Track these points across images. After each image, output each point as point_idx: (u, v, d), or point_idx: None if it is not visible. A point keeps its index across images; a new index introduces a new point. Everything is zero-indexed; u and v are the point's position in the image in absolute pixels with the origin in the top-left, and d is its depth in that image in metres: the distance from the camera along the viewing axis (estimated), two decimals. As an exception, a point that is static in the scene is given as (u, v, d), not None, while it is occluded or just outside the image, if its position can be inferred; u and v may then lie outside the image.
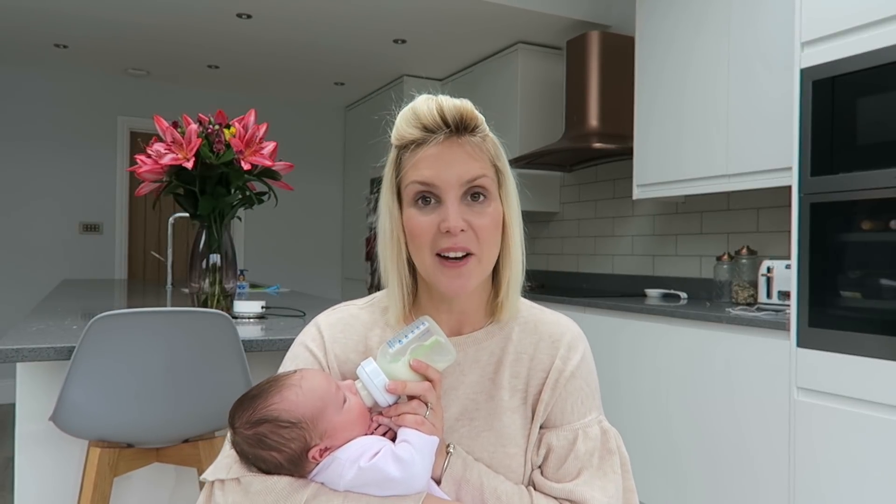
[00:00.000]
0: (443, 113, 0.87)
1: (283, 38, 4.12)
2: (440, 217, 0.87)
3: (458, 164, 0.87)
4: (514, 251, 0.93)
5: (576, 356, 0.97)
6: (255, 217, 5.44)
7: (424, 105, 0.88)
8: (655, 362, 2.71)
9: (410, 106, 0.90)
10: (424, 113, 0.87)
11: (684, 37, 2.98)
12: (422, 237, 0.87)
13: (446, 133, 0.87)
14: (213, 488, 0.87)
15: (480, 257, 0.88)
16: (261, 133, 1.92)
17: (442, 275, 0.88)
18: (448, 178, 0.86)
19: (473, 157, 0.88)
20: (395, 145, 0.91)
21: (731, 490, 2.38)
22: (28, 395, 1.66)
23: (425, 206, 0.88)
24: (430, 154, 0.87)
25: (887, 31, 1.94)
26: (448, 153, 0.87)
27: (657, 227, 3.56)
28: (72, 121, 5.02)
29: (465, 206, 0.87)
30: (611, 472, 0.93)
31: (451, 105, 0.88)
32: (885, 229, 1.93)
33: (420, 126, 0.88)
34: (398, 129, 0.90)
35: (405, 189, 0.89)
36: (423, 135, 0.88)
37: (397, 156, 0.91)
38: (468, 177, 0.87)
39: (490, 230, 0.88)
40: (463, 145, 0.88)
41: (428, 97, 0.90)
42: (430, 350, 0.86)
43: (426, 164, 0.87)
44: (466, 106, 0.89)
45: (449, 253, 0.87)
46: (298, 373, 0.89)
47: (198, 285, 1.98)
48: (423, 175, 0.87)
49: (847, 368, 2.00)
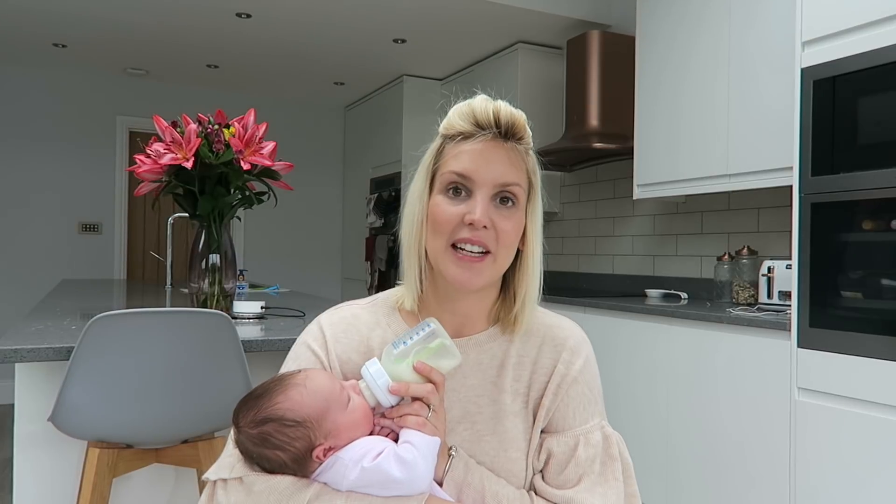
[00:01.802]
0: (498, 114, 0.89)
1: (282, 37, 4.11)
2: (467, 209, 0.88)
3: (497, 165, 0.89)
4: (532, 266, 0.94)
5: (579, 361, 0.96)
6: (255, 217, 5.43)
7: (482, 103, 0.91)
8: (656, 363, 2.71)
9: (467, 102, 0.92)
10: (480, 110, 0.90)
11: (684, 36, 2.98)
12: (444, 225, 0.89)
13: (494, 133, 0.89)
14: (216, 488, 0.87)
15: (496, 257, 0.89)
16: (260, 133, 1.91)
17: (453, 265, 0.89)
18: (485, 174, 0.88)
19: (513, 163, 0.90)
20: (443, 135, 0.93)
21: (732, 490, 2.38)
22: (27, 395, 1.65)
23: (455, 197, 0.89)
24: (473, 148, 0.89)
25: (888, 31, 1.93)
26: (491, 152, 0.89)
27: (657, 227, 3.56)
28: (71, 120, 5.02)
29: (493, 206, 0.89)
30: (612, 479, 0.92)
31: (507, 110, 0.91)
32: (885, 229, 1.93)
33: (473, 121, 0.90)
34: (450, 119, 0.92)
35: (440, 176, 0.91)
36: (472, 129, 0.90)
37: (441, 144, 0.93)
38: (503, 180, 0.89)
39: (511, 235, 0.90)
40: (507, 150, 0.90)
41: (485, 97, 0.92)
42: (434, 352, 0.86)
43: (468, 156, 0.89)
44: (520, 115, 0.92)
45: (466, 245, 0.88)
46: (303, 372, 0.89)
47: (197, 285, 1.97)
48: (462, 166, 0.89)
49: (848, 369, 1.99)
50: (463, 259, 0.88)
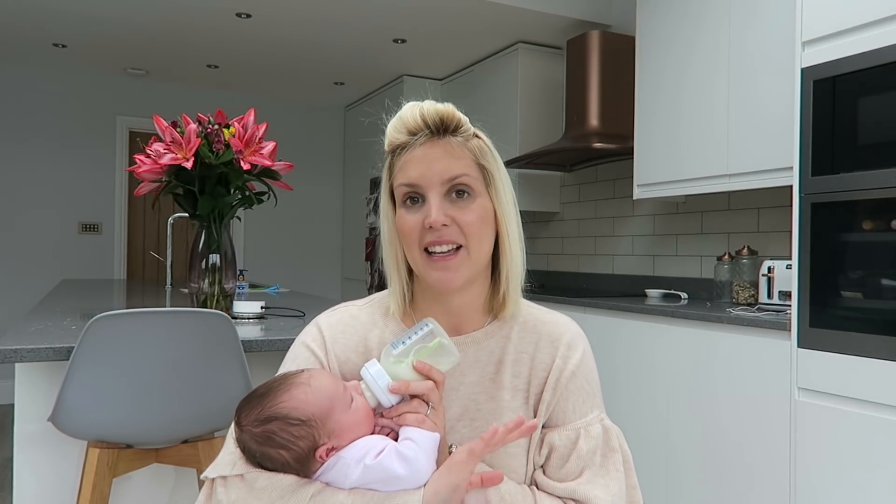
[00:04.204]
0: (424, 116, 0.91)
1: (282, 37, 4.11)
2: (424, 214, 0.90)
3: (438, 163, 0.90)
4: (512, 247, 0.95)
5: (576, 355, 0.97)
6: (255, 217, 5.43)
7: (408, 111, 0.93)
8: (656, 363, 2.71)
9: (398, 114, 0.95)
10: (408, 118, 0.93)
11: (684, 36, 2.98)
12: (410, 235, 0.91)
13: (427, 135, 0.92)
14: (215, 485, 0.87)
15: (469, 249, 0.91)
16: (260, 133, 1.91)
17: (431, 269, 0.91)
18: (430, 176, 0.90)
19: (454, 156, 0.91)
20: (387, 150, 0.96)
21: (732, 490, 2.38)
22: (27, 395, 1.65)
23: (413, 206, 0.92)
24: (414, 156, 0.91)
25: (888, 31, 1.93)
26: (430, 153, 0.91)
27: (657, 227, 3.56)
28: (71, 120, 5.02)
29: (450, 202, 0.91)
30: (613, 471, 0.93)
31: (432, 108, 0.92)
32: (886, 229, 1.93)
33: (405, 130, 0.92)
34: (388, 135, 0.95)
35: (396, 190, 0.93)
36: (407, 138, 0.92)
37: (390, 161, 0.95)
38: (448, 175, 0.90)
39: (475, 225, 0.91)
40: (444, 146, 0.91)
41: (412, 104, 0.94)
42: (433, 352, 0.87)
43: (411, 165, 0.91)
44: (446, 108, 0.93)
45: (434, 248, 0.90)
46: (307, 372, 0.89)
47: (197, 285, 1.97)
48: (408, 176, 0.91)
49: (848, 369, 1.99)
50: (437, 261, 0.90)
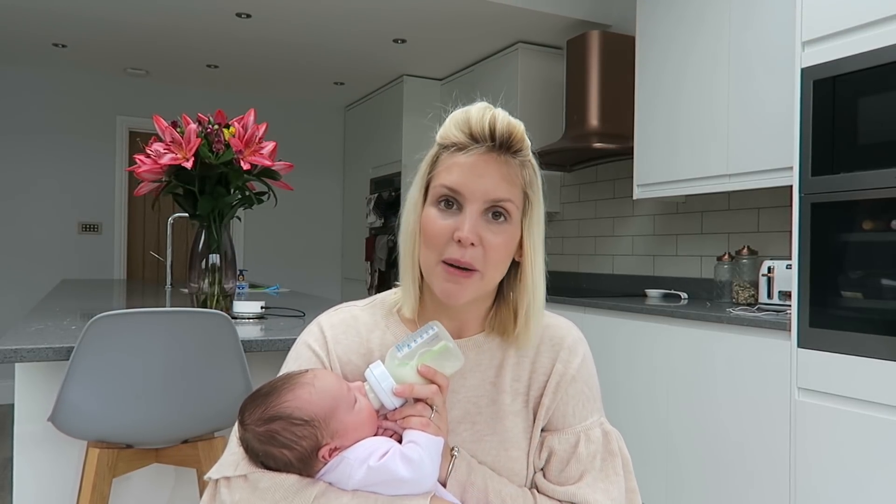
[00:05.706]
0: (494, 125, 0.87)
1: (282, 37, 4.11)
2: (456, 224, 0.86)
3: (488, 180, 0.86)
4: (534, 280, 0.91)
5: (576, 359, 0.97)
6: (255, 217, 5.43)
7: (478, 113, 0.88)
8: (655, 363, 2.71)
9: (465, 109, 0.90)
10: (476, 120, 0.88)
11: (684, 36, 2.98)
12: (434, 239, 0.87)
13: (489, 146, 0.87)
14: (219, 486, 0.87)
15: (484, 275, 0.88)
16: (260, 133, 1.91)
17: (441, 278, 0.88)
18: (474, 189, 0.86)
19: (506, 178, 0.87)
20: (438, 143, 0.91)
21: (731, 490, 2.38)
22: (27, 395, 1.65)
23: (446, 210, 0.88)
24: (466, 161, 0.87)
25: (888, 31, 1.93)
26: (483, 166, 0.87)
27: (657, 227, 3.56)
28: (71, 120, 5.01)
29: (484, 221, 0.87)
30: (613, 475, 0.93)
31: (504, 120, 0.88)
32: (886, 229, 1.93)
33: (467, 131, 0.88)
34: (446, 128, 0.90)
35: (433, 188, 0.89)
36: (467, 140, 0.88)
37: (436, 154, 0.91)
38: (494, 196, 0.87)
39: (500, 250, 0.88)
40: (500, 164, 0.87)
41: (485, 106, 0.90)
42: (438, 355, 0.86)
43: (459, 170, 0.87)
44: (518, 126, 0.89)
45: (454, 263, 0.87)
46: (311, 372, 0.89)
47: (197, 285, 1.97)
48: (452, 180, 0.87)
49: (848, 369, 1.99)
50: (451, 273, 0.87)
